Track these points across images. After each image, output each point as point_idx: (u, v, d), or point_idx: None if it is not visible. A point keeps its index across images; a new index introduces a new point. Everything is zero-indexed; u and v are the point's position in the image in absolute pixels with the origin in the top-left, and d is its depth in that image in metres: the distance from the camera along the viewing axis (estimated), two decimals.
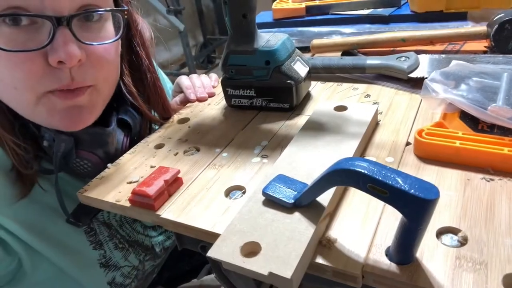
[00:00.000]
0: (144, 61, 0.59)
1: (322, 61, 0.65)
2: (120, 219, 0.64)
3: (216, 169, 0.47)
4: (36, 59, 0.42)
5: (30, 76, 0.43)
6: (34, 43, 0.42)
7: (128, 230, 0.65)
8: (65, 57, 0.42)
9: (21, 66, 0.42)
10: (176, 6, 2.62)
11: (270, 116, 0.57)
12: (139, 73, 0.59)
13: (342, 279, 0.32)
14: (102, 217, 0.61)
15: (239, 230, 0.34)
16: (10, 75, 0.43)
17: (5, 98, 0.46)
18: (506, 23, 0.60)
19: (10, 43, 0.41)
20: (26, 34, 0.42)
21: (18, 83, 0.43)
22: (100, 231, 0.60)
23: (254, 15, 0.53)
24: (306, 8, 0.90)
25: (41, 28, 0.42)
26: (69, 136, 0.50)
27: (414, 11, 0.81)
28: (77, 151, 0.51)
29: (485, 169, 0.40)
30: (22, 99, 0.45)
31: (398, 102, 0.55)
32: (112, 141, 0.54)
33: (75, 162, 0.51)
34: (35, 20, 0.42)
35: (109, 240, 0.61)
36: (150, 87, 0.60)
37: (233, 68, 0.57)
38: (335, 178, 0.31)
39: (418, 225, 0.28)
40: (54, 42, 0.42)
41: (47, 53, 0.42)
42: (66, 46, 0.42)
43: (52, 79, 0.44)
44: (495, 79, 0.48)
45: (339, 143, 0.44)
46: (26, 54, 0.42)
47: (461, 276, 0.30)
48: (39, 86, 0.44)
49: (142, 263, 0.67)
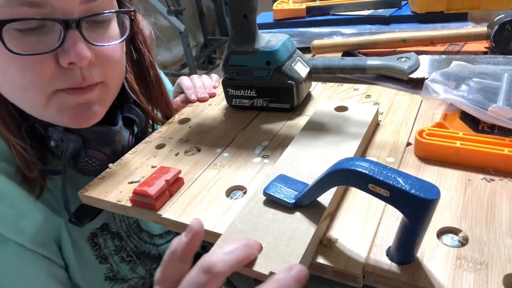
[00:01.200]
0: (147, 58, 0.59)
1: (323, 61, 0.66)
2: (128, 230, 0.64)
3: (217, 169, 0.47)
4: (46, 61, 0.43)
5: (40, 77, 0.43)
6: (45, 46, 0.42)
7: (135, 240, 0.66)
8: (76, 58, 0.43)
9: (32, 68, 0.42)
10: (176, 6, 2.62)
11: (271, 117, 0.57)
12: (142, 70, 0.60)
13: (343, 279, 0.32)
14: (116, 228, 0.62)
15: (240, 230, 0.35)
16: (20, 77, 0.43)
17: (14, 98, 0.47)
18: (507, 24, 0.60)
19: (21, 46, 0.41)
20: (36, 37, 0.42)
21: (27, 84, 0.44)
22: (106, 245, 0.61)
23: (255, 16, 0.53)
24: (306, 8, 0.90)
25: (50, 31, 0.43)
26: (77, 135, 0.50)
27: (415, 11, 0.81)
28: (85, 150, 0.52)
29: (485, 169, 0.40)
30: (32, 99, 0.46)
31: (399, 102, 0.56)
32: (119, 140, 0.55)
33: (84, 161, 0.52)
34: (45, 23, 0.42)
35: (114, 254, 0.62)
36: (152, 84, 0.61)
37: (234, 69, 0.57)
38: (336, 178, 0.31)
39: (419, 225, 0.28)
40: (65, 44, 0.43)
41: (57, 55, 0.43)
42: (77, 48, 0.43)
43: (63, 79, 0.45)
44: (496, 79, 0.48)
45: (339, 144, 0.44)
46: (36, 56, 0.42)
47: (462, 276, 0.30)
48: (49, 86, 0.45)
49: (149, 272, 0.68)
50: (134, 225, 0.66)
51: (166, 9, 2.53)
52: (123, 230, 0.64)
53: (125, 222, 0.64)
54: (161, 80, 0.64)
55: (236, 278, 0.46)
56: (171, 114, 0.64)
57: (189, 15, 3.32)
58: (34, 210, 0.51)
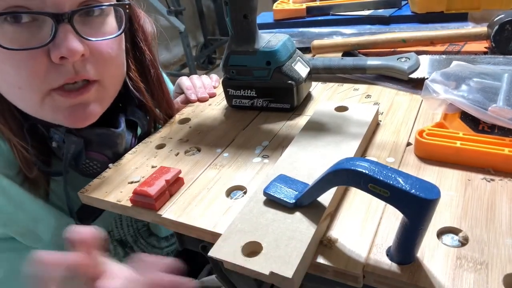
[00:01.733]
0: (148, 55, 0.58)
1: (323, 61, 0.66)
2: (135, 234, 0.64)
3: (217, 169, 0.47)
4: (39, 57, 0.42)
5: (34, 75, 0.43)
6: (37, 41, 0.42)
7: (143, 245, 0.66)
8: (67, 53, 0.42)
9: (25, 65, 0.42)
10: (176, 6, 2.62)
11: (271, 117, 0.57)
12: (143, 68, 0.59)
13: (343, 279, 0.32)
14: (119, 235, 0.61)
15: (240, 230, 0.35)
16: (15, 75, 0.43)
17: (12, 98, 0.47)
18: (507, 24, 0.60)
19: (12, 42, 0.41)
20: (28, 32, 0.42)
21: (22, 83, 0.43)
22: (116, 252, 0.61)
23: (255, 16, 0.53)
24: (306, 9, 0.90)
25: (42, 25, 0.42)
26: (79, 137, 0.50)
27: (415, 12, 0.81)
28: (86, 152, 0.51)
29: (485, 169, 0.40)
30: (28, 99, 0.45)
31: (399, 102, 0.56)
32: (121, 142, 0.55)
33: (85, 163, 0.51)
34: (36, 17, 0.42)
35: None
36: (154, 82, 0.60)
37: (234, 69, 0.57)
38: (336, 178, 0.31)
39: (419, 225, 0.28)
40: (56, 38, 0.42)
41: (49, 50, 0.42)
42: (68, 42, 0.42)
43: (56, 75, 0.44)
44: (496, 79, 0.48)
45: (340, 144, 0.44)
46: (29, 52, 0.42)
47: (462, 276, 0.30)
48: (43, 84, 0.44)
49: None
50: (143, 229, 0.66)
51: (166, 9, 2.53)
52: (130, 235, 0.63)
53: (133, 226, 0.64)
54: (163, 79, 0.63)
55: (236, 278, 0.46)
56: (173, 113, 0.63)
57: (189, 15, 3.32)
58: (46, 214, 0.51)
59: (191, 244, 0.47)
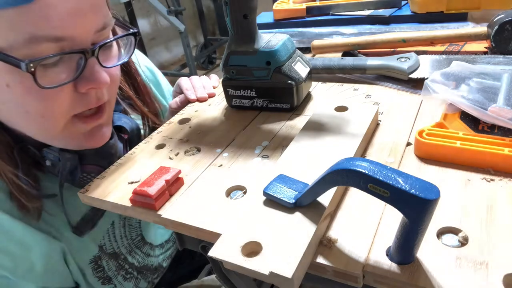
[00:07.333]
0: (132, 64, 0.62)
1: (323, 61, 0.66)
2: (129, 245, 0.65)
3: (217, 169, 0.47)
4: (66, 88, 0.43)
5: (60, 105, 0.44)
6: (65, 76, 0.42)
7: (138, 256, 0.67)
8: (97, 85, 0.44)
9: (53, 97, 0.43)
10: (176, 6, 2.62)
11: (271, 117, 0.57)
12: (130, 78, 0.63)
13: (342, 279, 0.32)
14: (112, 248, 0.62)
15: (240, 230, 0.35)
16: (41, 106, 0.43)
17: (24, 125, 0.46)
18: (507, 24, 0.60)
19: (45, 79, 0.41)
20: (56, 68, 0.42)
21: (47, 112, 0.44)
22: (109, 267, 0.62)
23: (255, 16, 0.53)
24: (306, 8, 0.91)
25: (68, 60, 0.43)
26: (73, 153, 0.51)
27: (415, 12, 0.81)
28: (82, 166, 0.52)
29: (485, 169, 0.40)
30: (50, 126, 0.45)
31: (399, 102, 0.56)
32: (115, 152, 0.56)
33: (81, 176, 0.53)
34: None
35: (118, 274, 0.63)
36: (141, 89, 0.64)
37: (233, 69, 0.57)
38: (336, 178, 0.31)
39: (419, 225, 0.28)
40: (84, 71, 0.43)
41: (76, 82, 0.43)
42: (98, 75, 0.44)
43: (81, 103, 0.45)
44: (496, 79, 0.48)
45: (339, 144, 0.44)
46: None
47: (462, 276, 0.30)
48: (67, 113, 0.45)
49: (151, 283, 0.70)
50: (137, 238, 0.67)
51: (166, 9, 2.53)
52: (124, 246, 0.64)
53: (126, 237, 0.65)
54: (146, 84, 0.67)
55: (236, 278, 0.46)
56: (157, 116, 0.67)
57: (189, 15, 3.33)
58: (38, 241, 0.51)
59: (190, 244, 0.47)
